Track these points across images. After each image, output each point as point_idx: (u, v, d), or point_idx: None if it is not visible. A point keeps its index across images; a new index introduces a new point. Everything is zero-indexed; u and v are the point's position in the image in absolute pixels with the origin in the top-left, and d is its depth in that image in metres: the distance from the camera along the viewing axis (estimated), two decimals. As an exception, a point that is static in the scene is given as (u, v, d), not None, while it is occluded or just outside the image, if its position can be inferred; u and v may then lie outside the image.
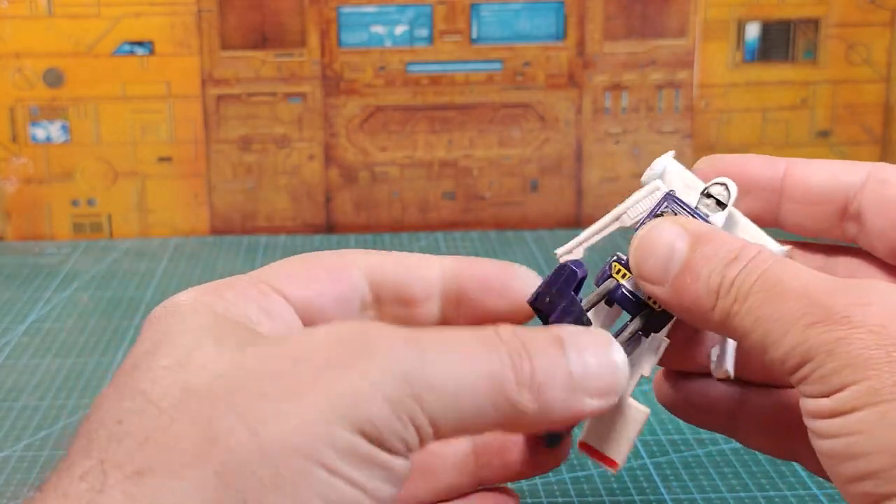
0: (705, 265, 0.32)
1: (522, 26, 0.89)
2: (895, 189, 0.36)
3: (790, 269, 0.31)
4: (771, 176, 0.37)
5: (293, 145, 0.90)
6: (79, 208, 0.89)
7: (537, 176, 0.91)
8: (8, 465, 0.53)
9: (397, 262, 0.35)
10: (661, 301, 0.34)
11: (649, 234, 0.33)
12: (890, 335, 0.29)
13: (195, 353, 0.29)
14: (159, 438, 0.26)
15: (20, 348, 0.67)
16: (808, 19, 0.90)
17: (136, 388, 0.28)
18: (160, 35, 0.87)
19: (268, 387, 0.27)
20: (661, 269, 0.33)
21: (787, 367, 0.30)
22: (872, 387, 0.28)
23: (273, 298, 0.33)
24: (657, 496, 0.49)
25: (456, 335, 0.30)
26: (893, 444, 0.28)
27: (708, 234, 0.33)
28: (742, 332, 0.31)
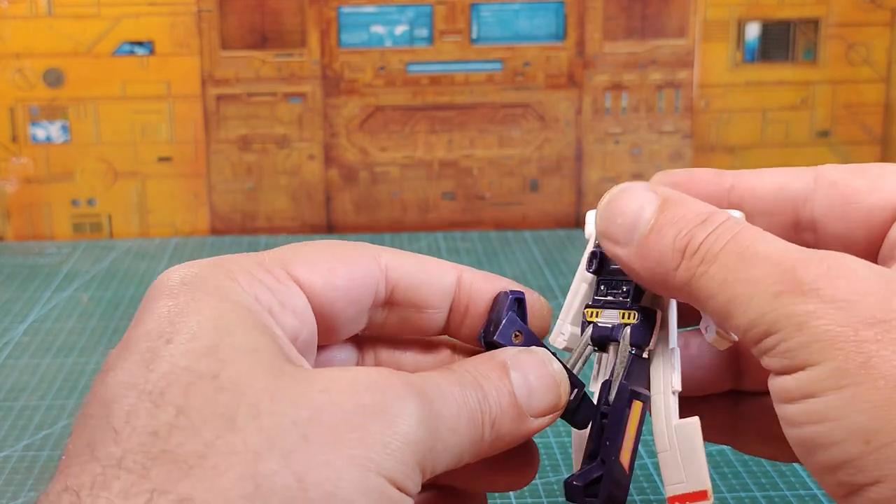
0: (673, 225, 0.32)
1: (522, 26, 0.89)
2: (847, 190, 0.35)
3: (762, 235, 0.31)
4: (716, 191, 0.36)
5: (293, 145, 0.90)
6: (79, 208, 0.89)
7: (537, 176, 0.91)
8: (8, 465, 0.53)
9: (418, 264, 0.35)
10: (624, 263, 0.33)
11: (619, 196, 0.33)
12: (858, 311, 0.28)
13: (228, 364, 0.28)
14: (206, 471, 0.26)
15: (20, 348, 0.67)
16: (808, 19, 0.90)
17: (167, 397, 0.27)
18: (160, 35, 0.87)
19: (308, 432, 0.27)
20: (628, 229, 0.33)
21: (752, 336, 0.30)
22: (839, 367, 0.28)
23: (289, 288, 0.32)
24: (657, 496, 0.49)
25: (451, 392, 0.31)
26: (865, 430, 0.27)
27: (678, 198, 0.33)
28: (706, 294, 0.31)
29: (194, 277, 0.31)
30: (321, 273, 0.33)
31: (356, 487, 0.27)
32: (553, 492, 0.50)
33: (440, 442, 0.29)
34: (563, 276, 0.78)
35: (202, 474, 0.26)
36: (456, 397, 0.31)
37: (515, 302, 0.35)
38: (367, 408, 0.28)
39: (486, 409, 0.31)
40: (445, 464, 0.30)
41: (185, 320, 0.29)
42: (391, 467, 0.28)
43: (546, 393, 0.33)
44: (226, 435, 0.27)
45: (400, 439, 0.28)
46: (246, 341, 0.29)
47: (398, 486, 0.28)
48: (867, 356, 0.28)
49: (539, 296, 0.37)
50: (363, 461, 0.27)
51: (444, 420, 0.30)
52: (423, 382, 0.30)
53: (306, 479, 0.27)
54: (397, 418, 0.28)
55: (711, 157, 0.92)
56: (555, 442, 0.54)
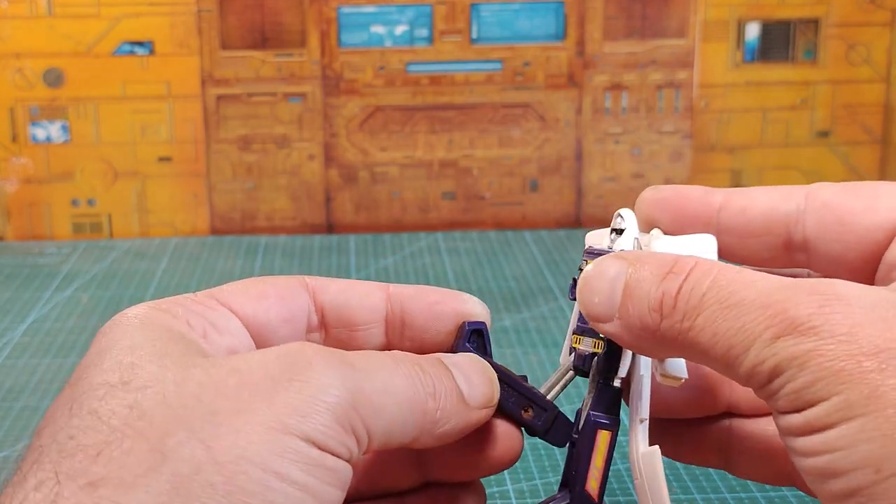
0: (641, 285, 0.31)
1: (522, 26, 0.89)
2: (841, 210, 0.35)
3: (742, 277, 0.30)
4: (705, 211, 0.36)
5: (293, 145, 0.90)
6: (79, 208, 0.89)
7: (537, 176, 0.91)
8: (8, 464, 0.53)
9: (343, 287, 0.36)
10: (616, 338, 0.33)
11: (591, 273, 0.33)
12: (858, 343, 0.28)
13: (138, 370, 0.30)
14: (112, 452, 0.27)
15: (20, 348, 0.67)
16: (808, 19, 0.90)
17: (85, 406, 0.29)
18: (160, 35, 0.87)
19: (215, 406, 0.28)
20: (606, 304, 0.32)
21: (755, 382, 0.29)
22: (846, 400, 0.28)
23: (222, 312, 0.34)
24: (657, 496, 0.49)
25: (380, 357, 0.32)
26: (875, 458, 0.27)
27: (644, 257, 0.32)
28: (700, 349, 0.30)
29: (128, 317, 0.33)
30: (251, 298, 0.35)
31: (269, 448, 0.28)
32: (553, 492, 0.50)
33: (372, 405, 0.30)
34: (562, 277, 0.78)
35: (109, 457, 0.27)
36: (389, 364, 0.31)
37: (473, 334, 0.36)
38: (276, 378, 0.29)
39: (427, 381, 0.32)
40: (386, 431, 0.30)
41: (109, 350, 0.31)
42: (308, 428, 0.28)
43: (482, 385, 0.34)
44: (134, 423, 0.28)
45: (310, 400, 0.29)
46: (159, 350, 0.30)
47: (320, 447, 0.28)
48: (873, 386, 0.28)
49: None
50: (274, 424, 0.28)
51: (374, 382, 0.30)
52: (348, 353, 0.31)
53: (214, 446, 0.27)
54: (307, 382, 0.29)
55: (711, 157, 0.92)
56: (555, 442, 0.54)
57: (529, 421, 0.35)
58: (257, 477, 0.27)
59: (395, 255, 0.85)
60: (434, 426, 0.32)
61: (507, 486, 0.50)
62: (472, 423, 0.33)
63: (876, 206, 0.34)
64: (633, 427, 0.35)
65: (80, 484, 0.27)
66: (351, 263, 0.83)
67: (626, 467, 0.52)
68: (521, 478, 0.51)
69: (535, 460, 0.53)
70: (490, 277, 0.79)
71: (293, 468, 0.28)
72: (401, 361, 0.32)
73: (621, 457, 0.53)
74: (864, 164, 0.93)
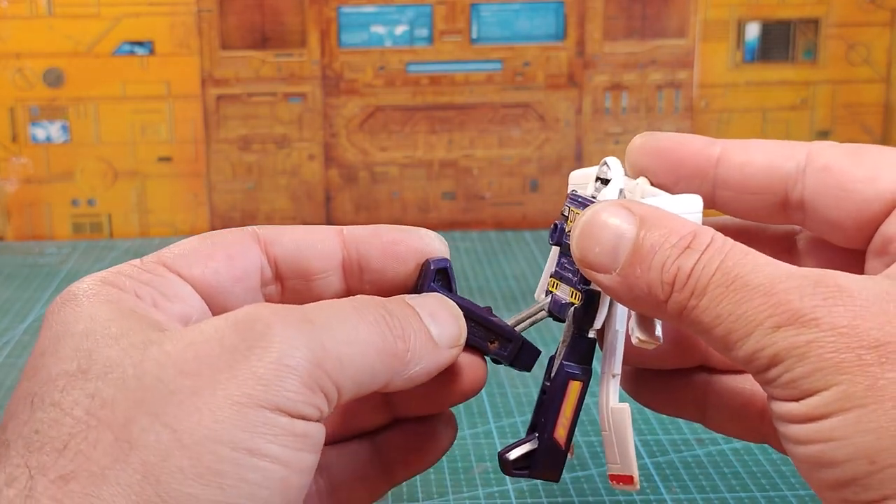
0: (656, 253, 0.31)
1: (522, 26, 0.89)
2: (842, 176, 0.34)
3: (749, 261, 0.30)
4: (704, 164, 0.35)
5: (293, 145, 0.90)
6: (79, 208, 0.89)
7: (537, 176, 0.91)
8: (8, 465, 0.53)
9: (295, 236, 0.35)
10: (609, 290, 0.32)
11: (593, 220, 0.32)
12: (859, 336, 0.28)
13: (95, 356, 0.29)
14: (78, 445, 0.27)
15: (20, 348, 0.67)
16: (808, 19, 0.90)
17: (46, 398, 0.28)
18: (160, 35, 0.87)
19: (175, 385, 0.28)
20: (608, 256, 0.31)
21: (753, 368, 0.30)
22: (845, 391, 0.28)
23: (171, 280, 0.33)
24: (657, 496, 0.49)
25: (342, 307, 0.31)
26: (871, 450, 0.27)
27: (656, 218, 0.31)
28: (702, 327, 0.30)
29: (77, 293, 0.32)
30: (198, 261, 0.34)
31: (236, 424, 0.27)
32: (553, 492, 0.50)
33: (338, 358, 0.29)
34: (563, 276, 0.78)
35: (76, 449, 0.27)
36: (351, 313, 0.30)
37: (438, 273, 0.35)
38: (234, 347, 0.28)
39: (395, 324, 0.31)
40: (355, 381, 0.30)
41: (62, 334, 0.30)
42: (274, 397, 0.28)
43: (450, 325, 0.33)
44: (96, 412, 0.28)
45: (274, 367, 0.28)
46: (111, 332, 0.30)
47: (289, 413, 0.28)
48: (873, 379, 0.28)
49: None
50: (238, 398, 0.27)
51: (337, 335, 0.29)
52: (306, 307, 0.30)
53: (179, 429, 0.27)
54: (267, 348, 0.28)
55: (711, 157, 0.92)
56: (555, 442, 0.54)
57: (495, 351, 0.36)
58: (226, 455, 0.27)
59: (395, 255, 0.85)
60: (404, 369, 0.31)
61: (507, 485, 0.50)
62: (442, 363, 0.33)
63: (878, 176, 0.34)
64: (604, 380, 0.35)
65: (52, 478, 0.27)
66: (351, 263, 0.83)
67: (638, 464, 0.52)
68: (521, 477, 0.51)
69: (535, 460, 0.53)
70: (490, 277, 0.79)
71: (263, 441, 0.27)
72: (364, 308, 0.31)
73: (621, 456, 0.53)
74: (864, 164, 0.93)
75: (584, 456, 0.53)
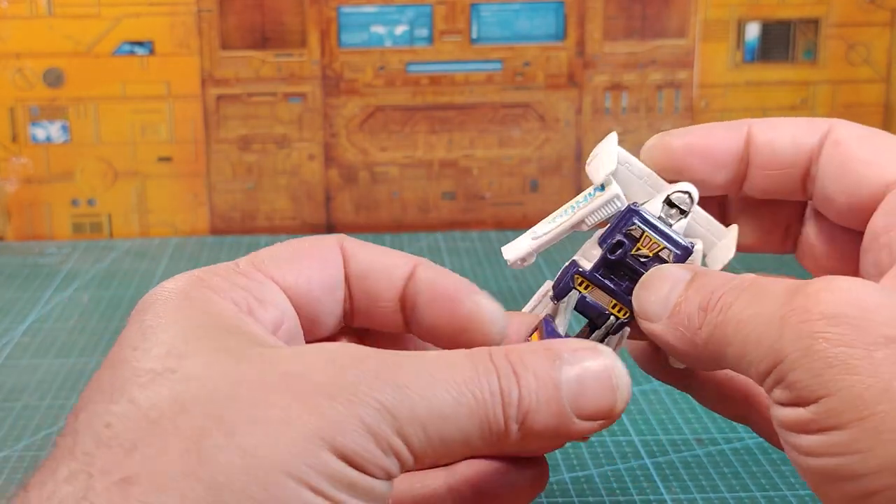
0: (700, 291, 0.32)
1: (522, 26, 0.89)
2: (848, 154, 0.34)
3: (774, 279, 0.30)
4: (734, 147, 0.36)
5: (293, 145, 0.90)
6: (79, 208, 0.89)
7: (537, 176, 0.91)
8: (8, 465, 0.53)
9: (371, 256, 0.35)
10: (658, 337, 0.33)
11: (655, 276, 0.33)
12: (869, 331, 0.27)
13: (184, 360, 0.29)
14: (148, 449, 0.27)
15: (20, 348, 0.67)
16: (808, 19, 0.90)
17: (125, 392, 0.28)
18: (160, 35, 0.87)
19: (258, 410, 0.27)
20: (660, 305, 0.33)
21: (762, 370, 0.29)
22: (859, 395, 0.26)
23: (266, 285, 0.33)
24: (657, 496, 0.49)
25: (442, 360, 0.29)
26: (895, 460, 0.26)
27: (708, 272, 0.33)
28: (725, 342, 0.30)
29: (169, 293, 0.31)
30: (293, 268, 0.34)
31: (305, 461, 0.27)
32: (552, 492, 0.50)
33: (420, 424, 0.28)
34: (563, 276, 0.78)
35: (144, 454, 0.26)
36: (446, 375, 0.29)
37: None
38: (322, 387, 0.28)
39: (510, 399, 0.29)
40: (436, 449, 0.28)
41: (154, 331, 0.30)
42: (346, 446, 0.27)
43: (601, 393, 0.30)
44: (174, 418, 0.27)
45: (354, 419, 0.27)
46: (208, 341, 0.29)
47: (356, 466, 0.27)
48: (887, 380, 0.26)
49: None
50: (313, 438, 0.27)
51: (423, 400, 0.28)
52: (397, 359, 0.29)
53: (251, 454, 0.27)
54: (352, 398, 0.28)
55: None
56: (555, 442, 0.54)
57: None
58: (293, 489, 0.27)
59: (395, 255, 0.85)
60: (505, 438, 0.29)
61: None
62: (569, 434, 0.30)
63: (878, 161, 0.34)
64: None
65: (114, 479, 0.26)
66: (351, 263, 0.83)
67: (626, 467, 0.52)
68: (521, 478, 0.51)
69: (535, 460, 0.53)
70: (490, 277, 0.79)
71: (328, 484, 0.27)
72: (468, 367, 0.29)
73: (620, 457, 0.53)
74: (864, 164, 0.93)
75: (584, 456, 0.53)
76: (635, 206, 0.35)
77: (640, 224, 0.35)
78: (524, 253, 0.37)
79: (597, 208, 0.36)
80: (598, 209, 0.36)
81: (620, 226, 0.35)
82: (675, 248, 0.35)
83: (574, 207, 0.36)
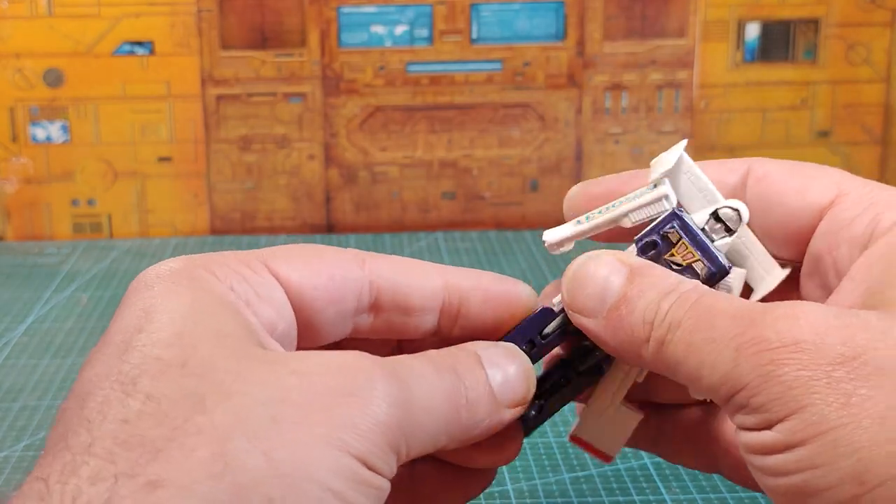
0: (642, 297, 0.31)
1: (522, 26, 0.89)
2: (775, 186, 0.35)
3: (724, 297, 0.30)
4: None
5: (293, 145, 0.90)
6: (79, 208, 0.89)
7: (537, 176, 0.91)
8: (8, 465, 0.53)
9: (400, 268, 0.35)
10: (592, 334, 0.33)
11: (585, 266, 0.33)
12: (825, 352, 0.27)
13: (193, 351, 0.28)
14: (173, 452, 0.26)
15: (20, 348, 0.67)
16: (808, 19, 0.90)
17: (139, 384, 0.28)
18: (160, 35, 0.87)
19: (278, 412, 0.28)
20: (595, 301, 0.32)
21: (721, 395, 0.29)
22: (819, 412, 0.27)
23: (266, 279, 0.33)
24: (657, 496, 0.49)
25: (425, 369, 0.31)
26: (856, 472, 0.26)
27: (646, 268, 0.32)
28: (674, 361, 0.30)
29: (170, 272, 0.31)
30: (300, 271, 0.33)
31: (326, 466, 0.27)
32: (552, 492, 0.50)
33: (415, 423, 0.30)
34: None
35: (170, 456, 0.26)
36: (431, 379, 0.31)
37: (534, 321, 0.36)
38: (337, 389, 0.28)
39: (462, 392, 0.31)
40: (421, 445, 0.30)
41: (158, 311, 0.30)
42: (362, 448, 0.28)
43: (519, 384, 0.33)
44: (194, 417, 0.27)
45: (370, 421, 0.28)
46: (215, 327, 0.29)
47: (370, 467, 0.28)
48: (847, 396, 0.27)
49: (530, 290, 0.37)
50: (333, 441, 0.28)
51: (418, 401, 0.30)
52: (397, 364, 0.30)
53: (275, 458, 0.27)
54: (368, 400, 0.29)
55: (711, 157, 0.92)
56: (555, 442, 0.54)
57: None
58: (315, 494, 0.27)
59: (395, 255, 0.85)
60: (464, 434, 0.32)
61: (507, 486, 0.50)
62: (501, 423, 0.33)
63: (808, 188, 0.34)
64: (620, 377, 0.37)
65: (139, 483, 0.26)
66: (351, 263, 0.83)
67: (625, 467, 0.52)
68: (520, 477, 0.51)
69: (534, 460, 0.53)
70: (490, 277, 0.79)
71: (347, 487, 0.27)
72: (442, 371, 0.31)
73: (620, 457, 0.53)
74: (864, 164, 0.93)
75: (584, 456, 0.53)
76: (679, 211, 0.34)
77: (678, 229, 0.34)
78: (562, 237, 0.36)
79: (642, 205, 0.35)
80: (644, 206, 0.35)
81: (659, 227, 0.34)
82: (711, 264, 0.33)
83: (622, 202, 0.35)
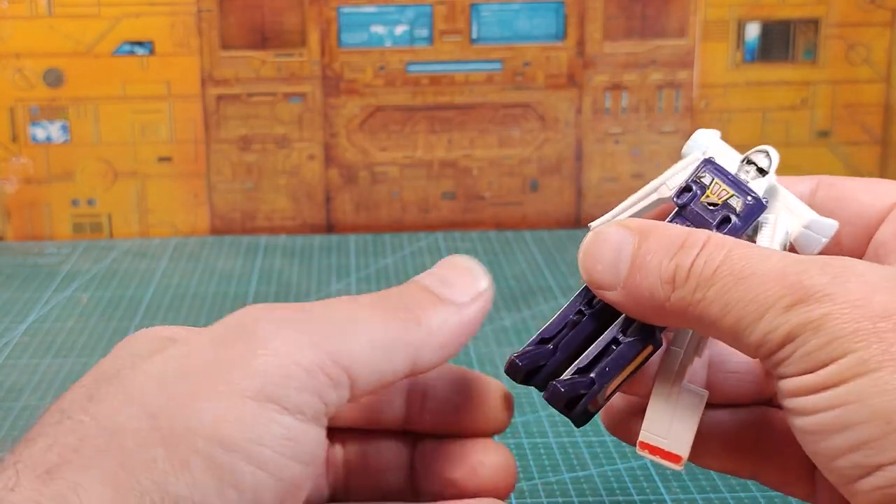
0: (652, 258, 0.32)
1: (522, 26, 0.89)
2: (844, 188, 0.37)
3: (755, 252, 0.31)
4: None
5: (293, 145, 0.90)
6: (79, 208, 0.89)
7: (537, 176, 0.91)
8: (8, 465, 0.53)
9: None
10: (617, 305, 0.33)
11: (595, 240, 0.33)
12: (873, 308, 0.29)
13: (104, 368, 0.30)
14: (68, 440, 0.28)
15: (20, 348, 0.67)
16: (808, 19, 0.90)
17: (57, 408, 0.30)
18: (160, 35, 0.87)
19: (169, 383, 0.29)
20: (611, 273, 0.33)
21: (765, 351, 0.30)
22: (861, 357, 0.28)
23: None
24: (657, 496, 0.49)
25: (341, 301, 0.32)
26: (887, 410, 0.28)
27: (651, 228, 0.33)
28: (709, 320, 0.31)
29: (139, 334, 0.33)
30: None
31: (224, 414, 0.28)
32: (552, 492, 0.50)
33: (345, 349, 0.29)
34: (562, 277, 0.78)
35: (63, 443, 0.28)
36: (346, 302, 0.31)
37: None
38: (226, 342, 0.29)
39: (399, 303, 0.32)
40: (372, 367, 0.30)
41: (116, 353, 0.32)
42: (268, 390, 0.28)
43: (463, 278, 0.34)
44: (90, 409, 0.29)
45: (269, 362, 0.29)
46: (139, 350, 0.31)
47: (284, 406, 0.28)
48: (888, 344, 0.28)
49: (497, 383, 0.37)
50: (229, 393, 0.28)
51: (339, 325, 0.30)
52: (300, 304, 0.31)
53: (159, 416, 0.28)
54: (265, 343, 0.29)
55: (711, 157, 0.92)
56: (554, 442, 0.54)
57: None
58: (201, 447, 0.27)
59: (395, 255, 0.85)
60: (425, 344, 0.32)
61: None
62: (467, 318, 0.33)
63: (877, 190, 0.36)
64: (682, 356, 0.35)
65: (38, 473, 0.27)
66: (351, 263, 0.83)
67: (625, 467, 0.52)
68: (520, 477, 0.51)
69: (534, 460, 0.53)
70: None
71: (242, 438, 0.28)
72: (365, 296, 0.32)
73: (620, 456, 0.53)
74: (864, 164, 0.93)
75: (584, 456, 0.53)
76: (711, 160, 0.36)
77: (710, 171, 0.35)
78: (607, 217, 0.37)
79: (679, 170, 0.36)
80: (680, 171, 0.36)
81: (692, 176, 0.35)
82: (745, 195, 0.34)
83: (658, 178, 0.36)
